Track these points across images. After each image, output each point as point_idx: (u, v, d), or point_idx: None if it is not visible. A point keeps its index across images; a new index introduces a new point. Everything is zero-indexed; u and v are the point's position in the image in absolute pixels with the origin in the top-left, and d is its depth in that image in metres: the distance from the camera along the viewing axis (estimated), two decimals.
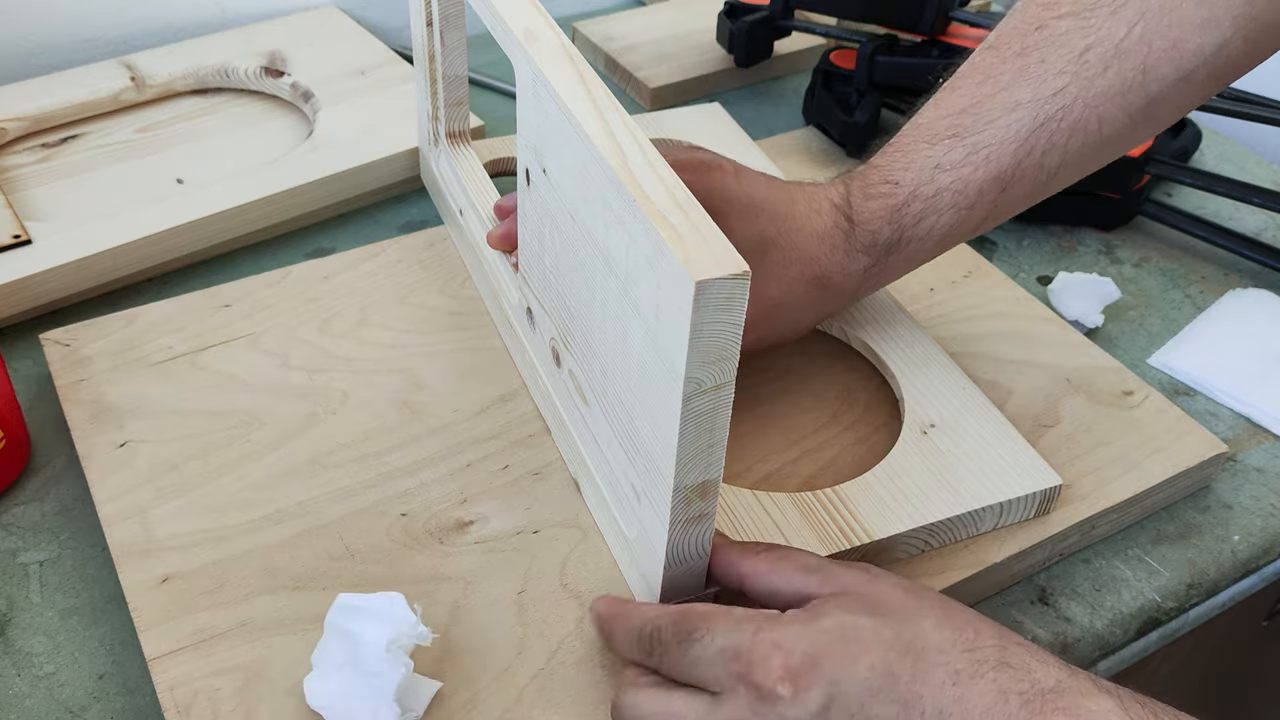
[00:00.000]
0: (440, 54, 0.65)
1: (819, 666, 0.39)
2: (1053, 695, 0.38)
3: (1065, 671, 0.40)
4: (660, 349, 0.40)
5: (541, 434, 0.57)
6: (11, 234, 0.65)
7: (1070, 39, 0.52)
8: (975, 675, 0.39)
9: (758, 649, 0.40)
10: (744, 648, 0.40)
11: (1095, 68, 0.52)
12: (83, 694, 0.48)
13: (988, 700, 0.38)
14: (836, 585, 0.43)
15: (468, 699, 0.46)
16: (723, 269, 0.37)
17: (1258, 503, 0.59)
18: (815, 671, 0.39)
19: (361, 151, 0.73)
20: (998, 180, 0.54)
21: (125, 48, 0.86)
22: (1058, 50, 0.52)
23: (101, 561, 0.53)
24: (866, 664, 0.39)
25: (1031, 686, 0.39)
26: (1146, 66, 0.52)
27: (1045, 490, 0.53)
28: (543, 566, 0.51)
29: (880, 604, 0.41)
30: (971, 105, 0.54)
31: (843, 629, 0.40)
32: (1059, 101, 0.52)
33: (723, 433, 0.41)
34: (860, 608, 0.41)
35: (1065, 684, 0.39)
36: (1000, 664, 0.39)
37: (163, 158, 0.75)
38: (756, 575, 0.45)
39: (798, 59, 0.92)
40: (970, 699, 0.39)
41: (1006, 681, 0.39)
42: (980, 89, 0.54)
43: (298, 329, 0.62)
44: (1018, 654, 0.40)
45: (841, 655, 0.39)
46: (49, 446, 0.58)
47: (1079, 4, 0.53)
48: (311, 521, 0.52)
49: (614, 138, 0.43)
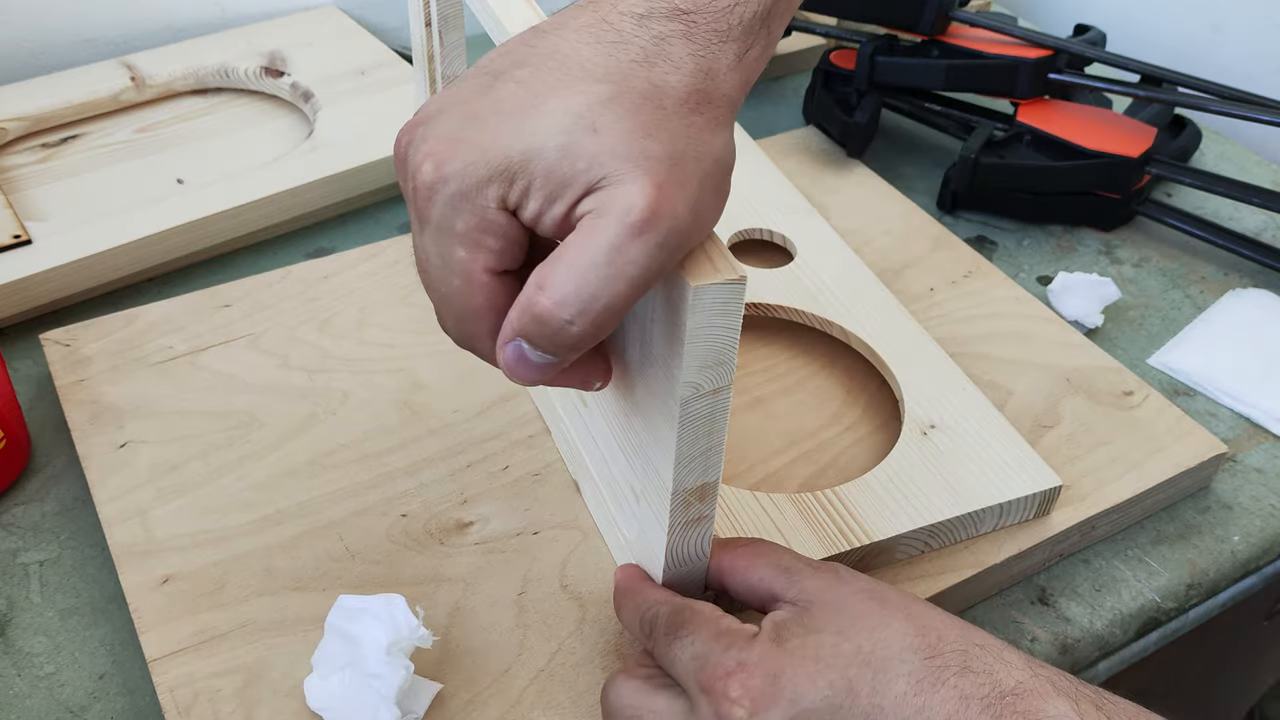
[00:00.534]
0: (440, 54, 0.65)
1: (779, 687, 0.39)
2: (1012, 698, 0.39)
3: (1027, 672, 0.40)
4: (657, 353, 0.40)
5: (541, 435, 0.57)
6: (11, 234, 0.65)
7: None
8: (937, 683, 0.39)
9: (723, 665, 0.40)
10: (712, 661, 0.40)
11: None
12: (83, 694, 0.48)
13: (949, 708, 0.38)
14: (802, 592, 0.43)
15: (467, 700, 0.46)
16: (719, 274, 0.37)
17: (1258, 503, 0.59)
18: (775, 692, 0.39)
19: (361, 151, 0.73)
20: None
21: (125, 48, 0.86)
22: None
23: (101, 561, 0.53)
24: (826, 682, 0.39)
25: (993, 690, 0.39)
26: None
27: (1045, 491, 0.53)
28: (543, 568, 0.51)
29: (843, 613, 0.41)
30: None
31: (804, 648, 0.40)
32: None
33: (721, 436, 0.41)
34: (823, 622, 0.41)
35: (1025, 685, 0.39)
36: (962, 669, 0.39)
37: (163, 158, 0.76)
38: (735, 570, 0.45)
39: (798, 59, 0.91)
40: (933, 707, 0.38)
41: (968, 687, 0.39)
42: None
43: (298, 329, 0.62)
44: (979, 657, 0.40)
45: (801, 675, 0.39)
46: (49, 446, 0.58)
47: None
48: (312, 522, 0.52)
49: None
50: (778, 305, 0.63)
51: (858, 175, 0.77)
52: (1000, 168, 0.74)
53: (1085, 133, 0.74)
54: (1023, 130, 0.75)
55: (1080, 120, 0.75)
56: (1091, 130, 0.74)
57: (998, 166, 0.74)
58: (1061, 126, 0.74)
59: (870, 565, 0.51)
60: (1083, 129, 0.74)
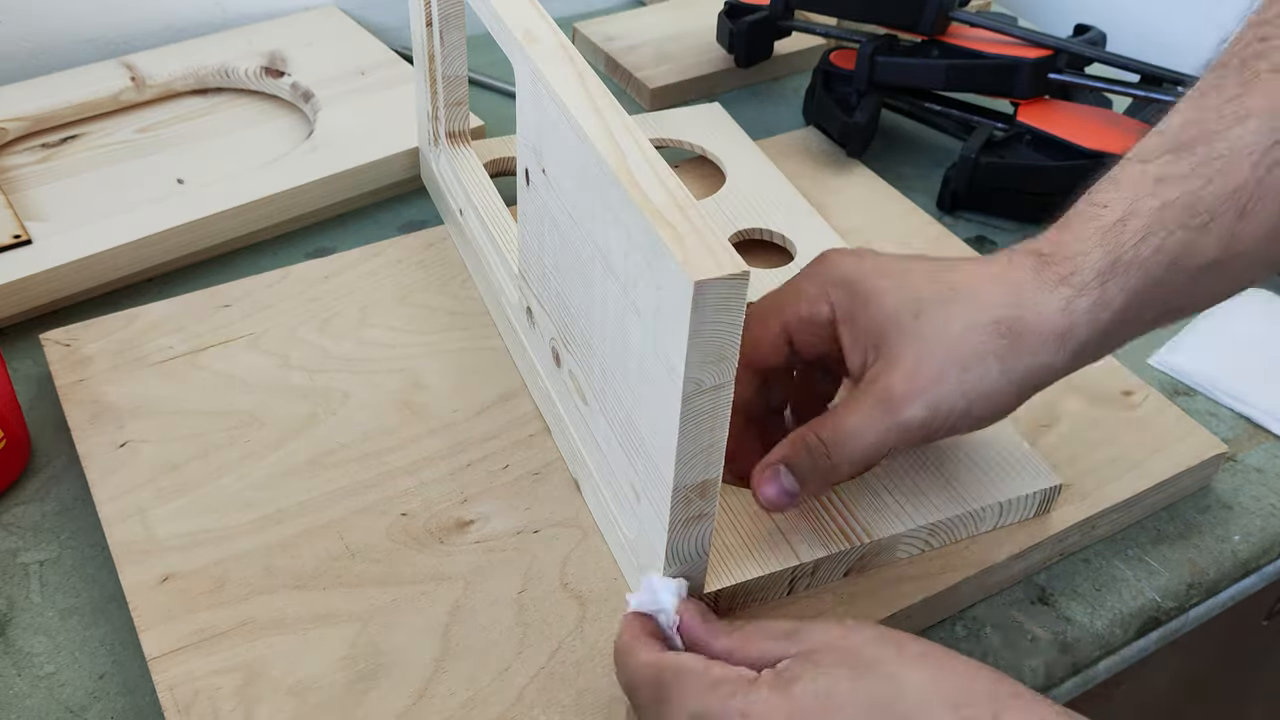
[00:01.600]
0: (440, 54, 0.65)
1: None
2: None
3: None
4: (660, 349, 0.40)
5: (541, 434, 0.57)
6: (11, 234, 0.65)
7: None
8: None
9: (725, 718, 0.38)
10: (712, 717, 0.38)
11: None
12: (83, 694, 0.48)
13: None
14: (807, 643, 0.40)
15: (468, 698, 0.46)
16: (722, 269, 0.37)
17: (1258, 503, 0.59)
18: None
19: (361, 151, 0.73)
20: (1234, 197, 0.44)
21: (125, 48, 0.86)
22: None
23: (101, 561, 0.53)
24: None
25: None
26: None
27: (1045, 490, 0.53)
28: (543, 566, 0.51)
29: (858, 658, 0.38)
30: (1193, 120, 0.45)
31: (816, 692, 0.37)
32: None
33: (722, 432, 0.41)
34: (836, 663, 0.38)
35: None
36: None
37: (163, 158, 0.76)
38: (730, 654, 0.41)
39: (798, 59, 0.92)
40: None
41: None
42: (1201, 103, 0.46)
43: (298, 329, 0.62)
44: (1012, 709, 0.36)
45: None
46: (49, 446, 0.58)
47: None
48: (312, 521, 0.52)
49: (613, 138, 0.43)
50: None
51: (858, 175, 0.77)
52: (1000, 168, 0.74)
53: (1085, 133, 0.74)
54: (1023, 130, 0.75)
55: (1080, 120, 0.75)
56: (1091, 130, 0.74)
57: (998, 166, 0.74)
58: (1061, 126, 0.74)
59: (870, 564, 0.51)
60: (1083, 129, 0.74)
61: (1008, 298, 0.45)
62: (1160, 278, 0.45)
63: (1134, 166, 0.46)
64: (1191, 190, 0.44)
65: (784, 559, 0.49)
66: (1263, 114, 0.44)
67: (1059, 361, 0.46)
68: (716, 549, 0.49)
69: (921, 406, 0.45)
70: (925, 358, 0.45)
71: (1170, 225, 0.44)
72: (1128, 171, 0.46)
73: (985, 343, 0.45)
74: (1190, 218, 0.44)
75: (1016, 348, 0.45)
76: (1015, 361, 0.45)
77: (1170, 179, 0.45)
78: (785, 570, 0.49)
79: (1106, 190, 0.46)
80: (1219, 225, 0.44)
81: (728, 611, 0.49)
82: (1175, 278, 0.45)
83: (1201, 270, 0.45)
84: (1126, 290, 0.45)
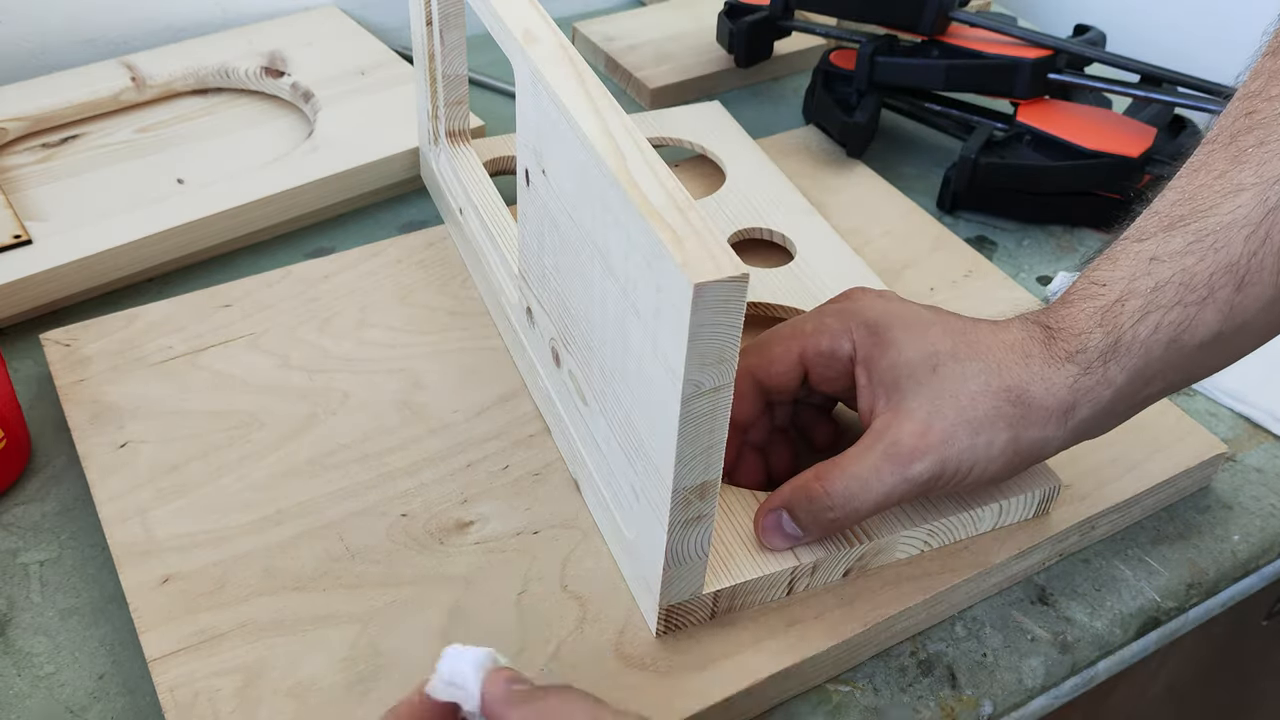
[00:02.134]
0: (440, 53, 0.65)
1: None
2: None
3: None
4: (659, 350, 0.40)
5: (541, 434, 0.57)
6: (11, 234, 0.65)
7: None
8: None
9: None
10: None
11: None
12: (83, 694, 0.48)
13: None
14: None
15: None
16: (721, 271, 0.37)
17: (1258, 503, 0.59)
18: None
19: (361, 151, 0.73)
20: (1230, 271, 0.45)
21: (125, 48, 0.86)
22: (1277, 130, 0.45)
23: (101, 561, 0.53)
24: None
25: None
26: None
27: (1045, 490, 0.53)
28: (543, 567, 0.51)
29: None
30: (1185, 197, 0.47)
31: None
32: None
33: (722, 434, 0.41)
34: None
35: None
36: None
37: (163, 158, 0.76)
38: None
39: (798, 59, 0.92)
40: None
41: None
42: (1194, 180, 0.47)
43: (298, 329, 0.62)
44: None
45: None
46: (49, 446, 0.58)
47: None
48: (312, 522, 0.52)
49: (612, 138, 0.43)
50: (778, 305, 0.63)
51: (858, 175, 0.77)
52: (1000, 168, 0.74)
53: (1085, 133, 0.74)
54: (1023, 130, 0.75)
55: (1080, 120, 0.75)
56: (1091, 130, 0.74)
57: (998, 166, 0.74)
58: (1061, 126, 0.74)
59: (869, 564, 0.51)
60: (1083, 129, 0.74)
61: (1020, 367, 0.47)
62: (1161, 356, 0.46)
63: (1130, 245, 0.47)
64: (1187, 267, 0.45)
65: (783, 559, 0.49)
66: (1253, 187, 0.45)
67: (1060, 436, 0.47)
68: (715, 549, 0.49)
69: (930, 463, 0.47)
70: (937, 415, 0.47)
71: (1166, 304, 0.45)
72: (1123, 250, 0.47)
73: (998, 408, 0.46)
74: (1188, 294, 0.45)
75: (1022, 417, 0.46)
76: (1023, 431, 0.47)
77: (1164, 257, 0.46)
78: (784, 570, 0.49)
79: (1104, 269, 0.48)
80: (1217, 300, 0.45)
81: (727, 611, 0.49)
82: (1175, 355, 0.46)
83: (1202, 346, 0.46)
84: (1128, 370, 0.46)
